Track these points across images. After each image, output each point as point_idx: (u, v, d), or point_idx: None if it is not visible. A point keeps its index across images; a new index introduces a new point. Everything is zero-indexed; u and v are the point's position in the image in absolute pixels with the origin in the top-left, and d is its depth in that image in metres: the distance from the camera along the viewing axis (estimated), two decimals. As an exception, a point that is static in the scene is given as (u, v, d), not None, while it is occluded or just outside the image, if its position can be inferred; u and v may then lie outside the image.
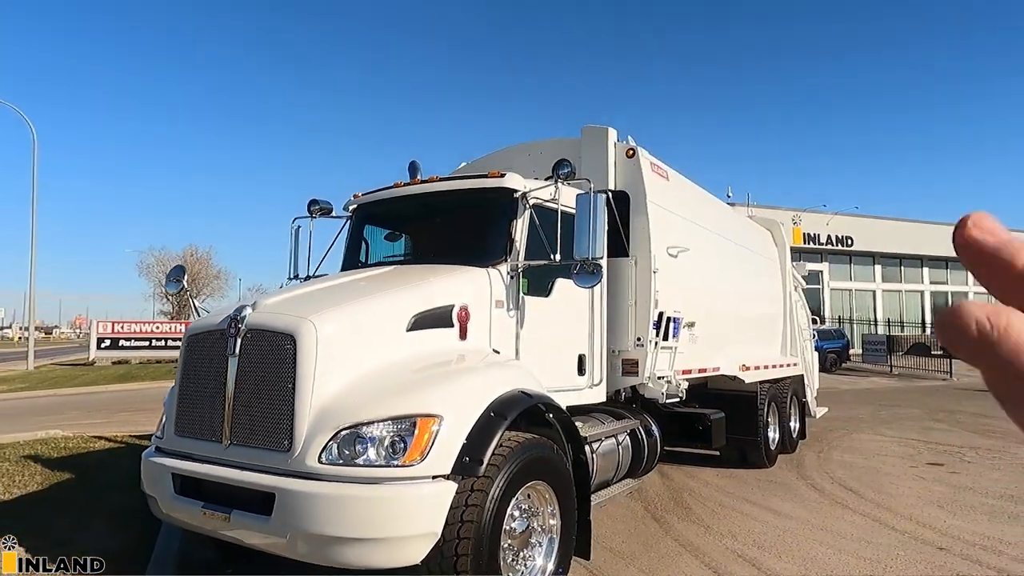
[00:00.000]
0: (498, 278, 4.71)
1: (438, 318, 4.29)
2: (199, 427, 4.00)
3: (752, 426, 8.31)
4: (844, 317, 33.54)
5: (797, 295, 11.28)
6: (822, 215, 33.61)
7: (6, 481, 6.94)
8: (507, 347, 4.70)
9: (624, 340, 6.03)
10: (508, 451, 3.77)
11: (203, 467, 3.87)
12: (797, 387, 10.35)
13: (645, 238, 6.02)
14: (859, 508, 6.67)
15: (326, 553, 3.43)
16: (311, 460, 3.49)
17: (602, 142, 6.23)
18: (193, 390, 4.11)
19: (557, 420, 4.41)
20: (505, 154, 6.96)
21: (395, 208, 5.64)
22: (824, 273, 34.31)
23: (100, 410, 14.65)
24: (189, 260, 54.75)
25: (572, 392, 5.31)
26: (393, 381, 3.81)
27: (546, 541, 4.15)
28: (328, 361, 3.69)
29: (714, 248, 7.76)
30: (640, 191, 6.09)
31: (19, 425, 11.69)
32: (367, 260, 5.80)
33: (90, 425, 11.56)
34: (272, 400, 3.70)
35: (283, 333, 3.73)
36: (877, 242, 34.74)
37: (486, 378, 4.10)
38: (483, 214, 5.11)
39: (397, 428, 3.51)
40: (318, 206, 5.94)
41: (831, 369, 26.06)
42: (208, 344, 4.03)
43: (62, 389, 19.95)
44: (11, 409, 15.53)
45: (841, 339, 27.84)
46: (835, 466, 8.80)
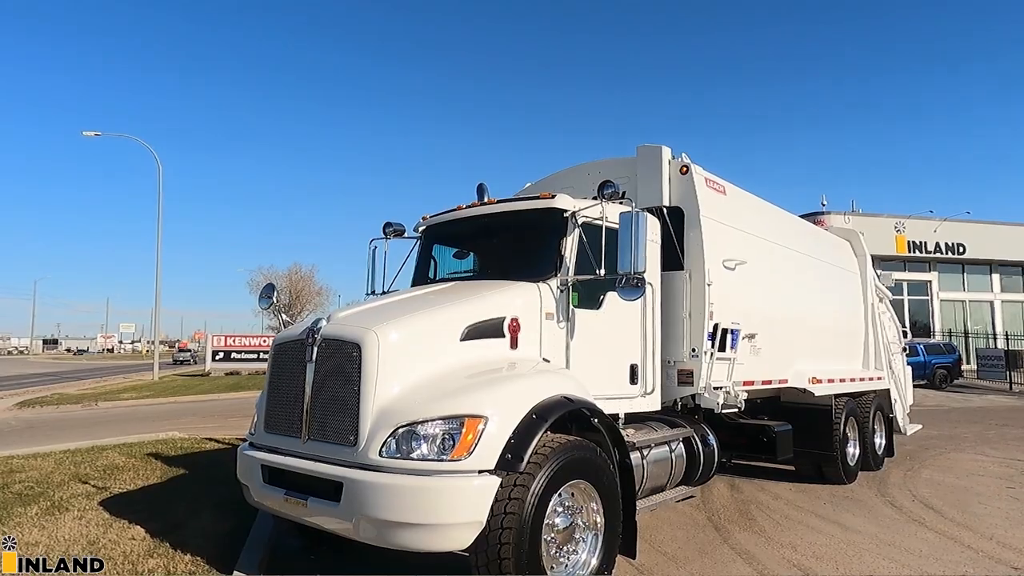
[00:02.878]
0: (548, 292, 5.05)
1: (490, 329, 4.69)
2: (283, 424, 4.59)
3: (828, 440, 8.14)
4: (956, 330, 31.17)
5: (883, 307, 10.85)
6: (929, 221, 31.50)
7: (132, 475, 7.95)
8: (557, 356, 5.02)
9: (679, 351, 6.20)
10: (550, 451, 4.10)
11: (286, 459, 4.44)
12: (883, 402, 9.98)
13: (699, 251, 6.18)
14: (936, 526, 6.45)
15: (386, 536, 3.88)
16: (373, 454, 3.97)
17: (656, 160, 6.46)
18: (278, 392, 4.71)
19: (602, 425, 4.68)
20: (566, 174, 7.31)
21: (458, 228, 6.11)
22: (933, 283, 32.11)
23: (213, 415, 16.13)
24: (293, 278, 58.28)
25: (624, 400, 5.55)
26: (446, 385, 4.23)
27: (590, 537, 4.42)
28: (389, 367, 4.16)
29: (778, 260, 7.74)
30: (694, 206, 6.27)
31: (145, 428, 13.21)
32: (435, 276, 6.29)
33: (203, 428, 12.83)
34: (341, 401, 4.22)
35: (351, 342, 4.25)
36: (993, 249, 32.08)
37: (531, 383, 4.44)
38: (535, 233, 5.47)
39: (447, 427, 3.92)
40: (392, 228, 6.50)
41: (941, 386, 24.40)
42: (290, 352, 4.63)
43: (181, 397, 22.01)
44: (139, 414, 17.39)
45: (952, 353, 25.96)
46: (921, 484, 8.44)
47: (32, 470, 8.17)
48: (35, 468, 8.29)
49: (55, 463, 8.63)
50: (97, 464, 8.53)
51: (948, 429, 14.09)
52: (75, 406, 19.53)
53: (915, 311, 31.62)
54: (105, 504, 6.49)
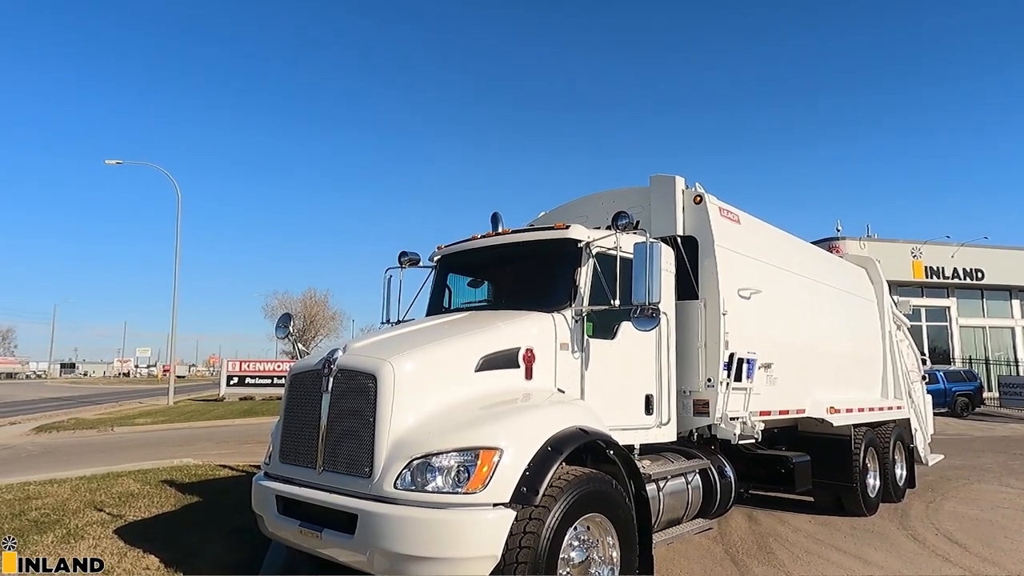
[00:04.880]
0: (563, 322, 5.05)
1: (504, 359, 4.70)
2: (298, 455, 4.59)
3: (847, 472, 8.00)
4: (977, 357, 30.65)
5: (901, 334, 10.73)
6: (947, 247, 31.18)
7: (147, 502, 7.97)
8: (572, 387, 5.01)
9: (694, 381, 6.16)
10: (565, 483, 4.07)
11: (301, 490, 4.44)
12: (903, 432, 9.80)
13: (713, 281, 6.17)
14: (961, 561, 6.29)
15: (400, 570, 3.84)
16: (387, 486, 3.96)
17: (670, 189, 6.49)
18: (294, 422, 4.72)
19: (617, 457, 4.65)
20: (580, 203, 7.36)
21: (472, 258, 6.15)
22: (952, 309, 31.66)
23: (228, 441, 16.15)
24: (308, 303, 58.68)
25: (640, 431, 5.51)
26: (461, 416, 4.22)
27: (606, 572, 4.36)
28: (404, 398, 4.17)
29: (794, 289, 7.70)
30: (708, 236, 6.28)
31: (160, 454, 13.24)
32: (450, 305, 6.32)
33: (218, 455, 12.84)
34: (357, 431, 4.23)
35: (366, 373, 4.27)
36: (1013, 274, 31.64)
37: (546, 415, 4.43)
38: (550, 263, 5.50)
39: (462, 459, 3.91)
40: (407, 257, 6.56)
41: (962, 414, 23.95)
42: (306, 382, 4.65)
43: (196, 422, 22.06)
44: (154, 439, 17.45)
45: (973, 381, 25.52)
46: (944, 517, 8.25)
47: (48, 496, 8.22)
48: (51, 495, 8.33)
49: (71, 490, 8.67)
50: (112, 491, 8.56)
51: (971, 459, 13.79)
52: (91, 431, 19.64)
53: (934, 337, 31.17)
54: (120, 532, 6.50)
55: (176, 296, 30.21)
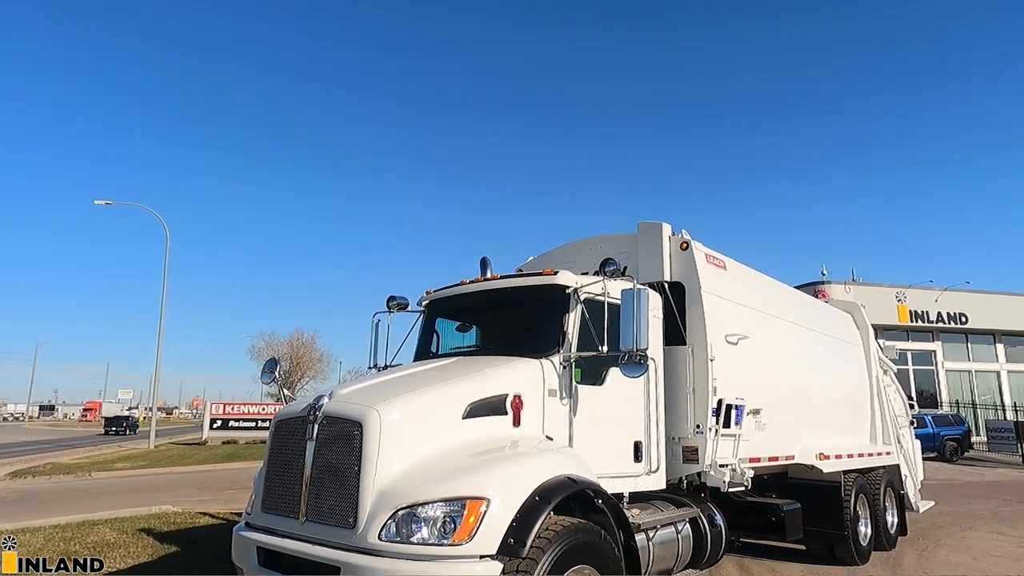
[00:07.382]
0: (551, 368, 5.04)
1: (492, 406, 4.66)
2: (281, 504, 4.49)
3: (838, 519, 7.91)
4: (964, 401, 30.77)
5: (888, 379, 10.77)
6: (931, 291, 31.66)
7: (123, 552, 7.74)
8: (560, 434, 4.97)
9: (683, 427, 6.13)
10: (553, 534, 4.00)
11: (283, 541, 4.32)
12: (892, 478, 9.75)
13: (701, 327, 6.21)
14: (955, 613, 6.20)
15: None
16: (372, 537, 3.87)
17: (657, 236, 6.58)
18: (278, 470, 4.63)
19: (606, 506, 4.58)
20: (568, 249, 7.43)
21: (461, 303, 6.16)
22: (937, 352, 31.95)
23: (209, 487, 15.78)
24: (294, 344, 58.19)
25: (629, 479, 5.45)
26: (448, 465, 4.16)
27: (596, 627, 4.25)
28: (390, 446, 4.11)
29: (781, 335, 7.75)
30: (695, 281, 6.34)
31: (139, 500, 12.90)
32: (438, 350, 6.30)
33: (199, 502, 12.53)
34: (341, 480, 4.15)
35: (352, 420, 4.22)
36: (996, 319, 32.12)
37: (534, 463, 4.37)
38: (538, 308, 5.52)
39: (448, 509, 3.84)
40: (395, 302, 6.56)
41: (952, 459, 23.89)
42: (291, 429, 4.58)
43: (177, 467, 21.57)
44: (133, 485, 17.01)
45: (961, 425, 25.56)
46: (937, 566, 8.16)
47: (21, 546, 7.94)
48: (23, 544, 8.06)
49: (44, 539, 8.41)
50: (87, 541, 8.31)
51: (962, 505, 13.70)
52: (68, 476, 19.15)
53: (921, 381, 31.33)
54: (93, 585, 6.29)
55: (161, 338, 29.93)
